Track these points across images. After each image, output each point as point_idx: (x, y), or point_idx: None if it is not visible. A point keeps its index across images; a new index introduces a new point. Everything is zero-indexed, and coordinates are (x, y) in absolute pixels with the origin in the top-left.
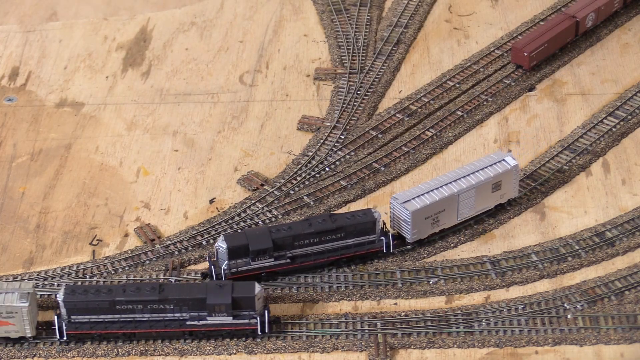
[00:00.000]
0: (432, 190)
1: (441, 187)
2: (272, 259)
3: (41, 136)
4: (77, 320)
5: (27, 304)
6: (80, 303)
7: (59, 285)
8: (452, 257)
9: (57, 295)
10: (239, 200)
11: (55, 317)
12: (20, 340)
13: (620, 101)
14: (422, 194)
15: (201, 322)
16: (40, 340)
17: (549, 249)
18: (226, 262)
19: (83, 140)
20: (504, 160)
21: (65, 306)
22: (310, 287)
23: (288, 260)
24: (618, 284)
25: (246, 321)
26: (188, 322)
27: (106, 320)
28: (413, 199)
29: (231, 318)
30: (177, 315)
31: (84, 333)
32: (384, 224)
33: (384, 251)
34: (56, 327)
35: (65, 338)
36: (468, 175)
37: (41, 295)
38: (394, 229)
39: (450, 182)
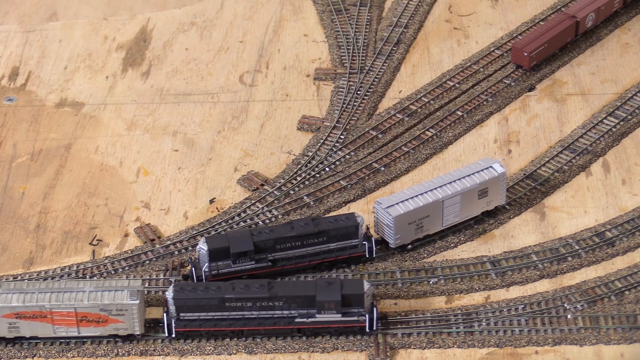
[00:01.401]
0: (416, 196)
1: (426, 192)
2: (253, 262)
3: (41, 136)
4: (186, 318)
5: (137, 301)
6: (189, 300)
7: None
8: (452, 257)
9: (166, 293)
10: (239, 200)
11: (164, 314)
12: (129, 338)
13: (620, 101)
14: (406, 199)
15: (310, 320)
16: (148, 337)
17: (549, 249)
18: (207, 264)
19: (83, 140)
20: (491, 167)
21: (174, 304)
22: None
23: (269, 263)
24: (618, 284)
25: (355, 318)
26: (297, 320)
27: (215, 317)
28: (397, 204)
29: (340, 315)
30: (286, 312)
31: (193, 330)
32: (368, 228)
33: (367, 256)
34: (165, 325)
35: (173, 335)
36: (454, 181)
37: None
38: (378, 234)
39: (435, 188)
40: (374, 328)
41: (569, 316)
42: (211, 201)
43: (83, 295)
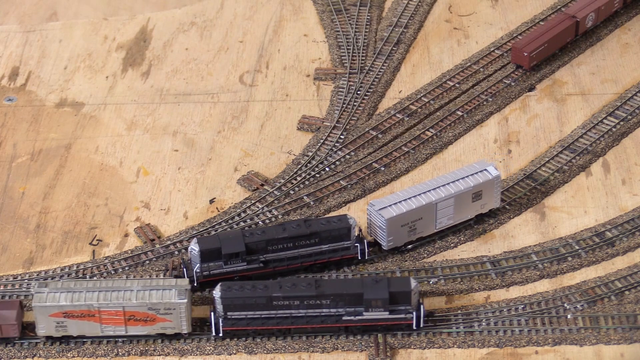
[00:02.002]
0: (409, 198)
1: (419, 195)
2: (245, 263)
3: (41, 136)
4: (233, 317)
5: (185, 300)
6: (237, 299)
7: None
8: (452, 257)
9: (214, 292)
10: (239, 200)
11: (211, 313)
12: (176, 336)
13: (620, 101)
14: (399, 202)
15: (357, 318)
16: (195, 336)
17: (549, 249)
18: (198, 264)
19: (83, 140)
20: (485, 170)
21: (222, 303)
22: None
23: (261, 265)
24: (618, 284)
25: (402, 316)
26: (344, 318)
27: (262, 316)
28: (389, 206)
29: (387, 313)
30: (333, 310)
31: (240, 329)
32: (360, 230)
33: (359, 258)
34: (212, 324)
35: (221, 334)
36: (447, 184)
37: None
38: (371, 236)
39: (428, 191)
40: (421, 325)
41: (569, 316)
42: (211, 201)
43: (131, 294)
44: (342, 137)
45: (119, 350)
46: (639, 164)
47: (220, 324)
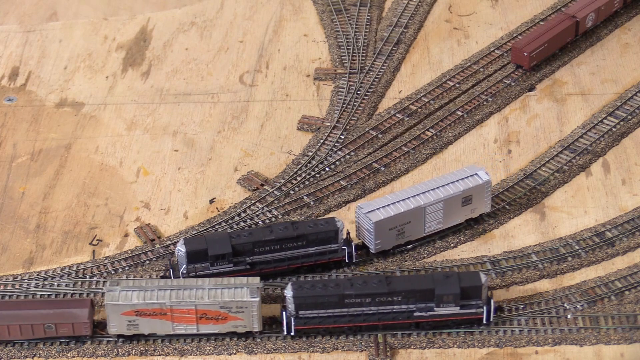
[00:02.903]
0: (398, 202)
1: (407, 198)
2: (232, 265)
3: (41, 136)
4: (305, 316)
5: (257, 298)
6: (309, 298)
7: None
8: (452, 257)
9: (285, 291)
10: (239, 200)
11: (283, 312)
12: (247, 335)
13: (620, 101)
14: (388, 205)
15: (429, 313)
16: (265, 335)
17: (549, 249)
18: (185, 265)
19: (83, 140)
20: (476, 174)
21: (294, 302)
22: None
23: (247, 267)
24: (618, 284)
25: (473, 310)
26: (416, 314)
27: (334, 314)
28: (378, 209)
29: (458, 308)
30: (404, 307)
31: (312, 328)
32: (348, 233)
33: (346, 261)
34: (284, 323)
35: (292, 333)
36: (436, 188)
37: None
38: (359, 239)
39: (417, 194)
40: (491, 320)
41: (569, 316)
42: (211, 201)
43: (203, 292)
44: (342, 137)
45: (119, 350)
46: (639, 164)
47: (292, 323)
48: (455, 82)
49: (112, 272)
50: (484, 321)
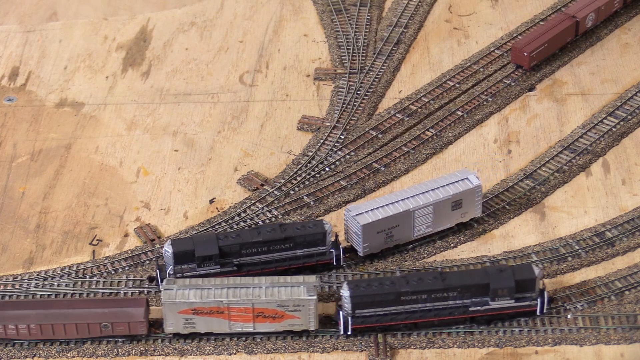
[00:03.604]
0: (387, 205)
1: (396, 202)
2: (219, 266)
3: (41, 136)
4: (362, 315)
5: (314, 297)
6: (366, 297)
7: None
8: (452, 257)
9: (342, 291)
10: (239, 200)
11: (339, 312)
12: (303, 333)
13: (620, 101)
14: (376, 208)
15: (484, 308)
16: (321, 333)
17: (549, 249)
18: (172, 266)
19: (83, 140)
20: (467, 178)
21: (351, 301)
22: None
23: (235, 268)
24: (618, 284)
25: (527, 303)
26: (471, 309)
27: (391, 312)
28: (366, 212)
29: (513, 301)
30: (459, 302)
31: (369, 326)
32: (337, 236)
33: (334, 264)
34: (341, 322)
35: (349, 333)
36: (426, 191)
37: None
38: (347, 241)
39: (406, 198)
40: (544, 311)
41: (569, 316)
42: (211, 201)
43: (260, 290)
44: (342, 137)
45: (119, 350)
46: (639, 164)
47: (350, 322)
48: (455, 82)
49: (112, 272)
50: (538, 313)
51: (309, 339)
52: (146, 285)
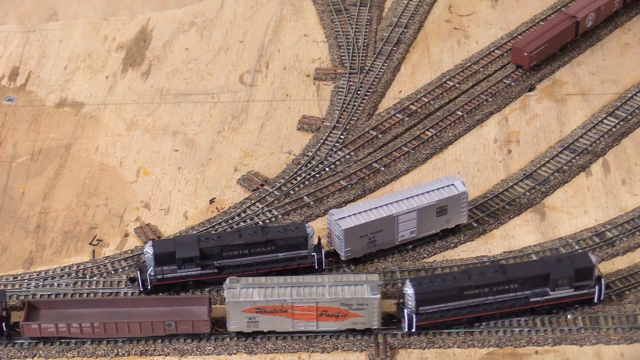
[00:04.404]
0: (370, 210)
1: (380, 207)
2: (199, 268)
3: (41, 136)
4: (426, 311)
5: (378, 296)
6: (430, 294)
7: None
8: (452, 257)
9: (406, 289)
10: (239, 200)
11: (403, 310)
12: (366, 332)
13: (620, 101)
14: (359, 212)
15: (544, 298)
16: (383, 332)
17: (549, 249)
18: (152, 267)
19: (83, 140)
20: (452, 185)
21: (415, 298)
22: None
23: (216, 270)
24: (618, 283)
25: (585, 291)
26: (531, 299)
27: (454, 307)
28: (349, 216)
29: (572, 290)
30: (520, 293)
31: (433, 323)
32: (320, 239)
33: (316, 267)
34: (405, 320)
35: (414, 330)
36: (411, 197)
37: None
38: (331, 245)
39: (390, 203)
40: (602, 298)
41: (569, 316)
42: (211, 201)
43: (324, 289)
44: (342, 137)
45: (119, 350)
46: (639, 164)
47: (414, 320)
48: (455, 82)
49: (112, 272)
50: (595, 300)
51: (309, 339)
52: (129, 286)
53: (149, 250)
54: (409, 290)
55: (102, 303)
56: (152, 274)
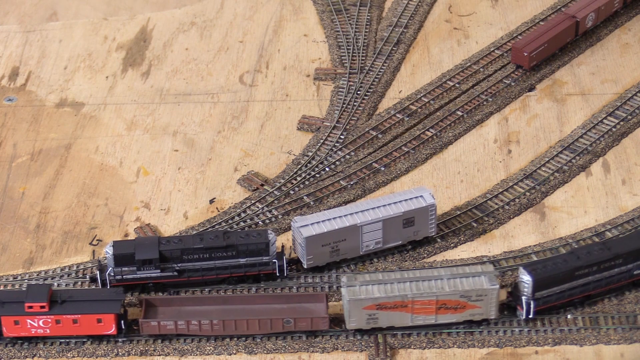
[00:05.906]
0: (334, 218)
1: (344, 216)
2: (159, 270)
3: (41, 136)
4: (542, 296)
5: (497, 286)
6: (546, 279)
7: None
8: (452, 257)
9: (520, 275)
10: (239, 200)
11: (520, 297)
12: (483, 322)
13: (620, 101)
14: (322, 221)
15: None
16: (500, 321)
17: (549, 249)
18: (112, 268)
19: (83, 140)
20: (421, 196)
21: (533, 284)
22: (311, 287)
23: (175, 273)
24: None
25: None
26: (635, 272)
27: (567, 288)
28: (311, 224)
29: None
30: (624, 268)
31: (550, 306)
32: (283, 246)
33: (277, 274)
34: (523, 307)
35: (531, 316)
36: (377, 207)
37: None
38: (295, 252)
39: (355, 212)
40: None
41: (569, 316)
42: (211, 201)
43: (442, 282)
44: (342, 137)
45: (119, 350)
46: (639, 164)
47: (532, 306)
48: (455, 82)
49: None
50: None
51: (309, 339)
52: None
53: (109, 250)
54: (524, 277)
55: (218, 300)
56: (112, 274)
